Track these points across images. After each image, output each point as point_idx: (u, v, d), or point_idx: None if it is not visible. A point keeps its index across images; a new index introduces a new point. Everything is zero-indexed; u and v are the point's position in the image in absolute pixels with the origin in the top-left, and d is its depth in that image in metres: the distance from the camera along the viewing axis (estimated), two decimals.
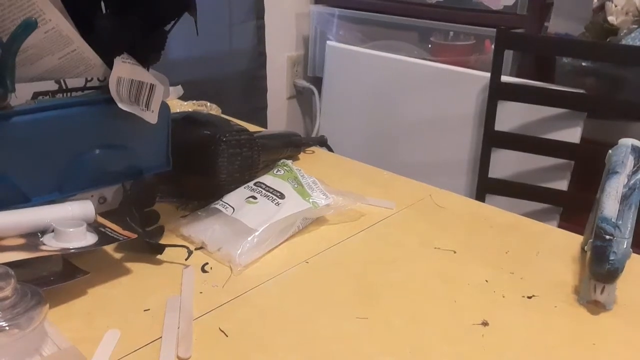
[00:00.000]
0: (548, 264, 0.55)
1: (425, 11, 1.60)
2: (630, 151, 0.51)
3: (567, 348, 0.44)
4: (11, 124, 0.48)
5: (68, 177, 0.53)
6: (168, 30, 0.57)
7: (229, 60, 1.85)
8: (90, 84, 0.54)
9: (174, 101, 0.94)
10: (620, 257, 0.46)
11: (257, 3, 1.83)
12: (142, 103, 0.54)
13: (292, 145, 0.78)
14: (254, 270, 0.52)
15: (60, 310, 0.45)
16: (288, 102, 2.15)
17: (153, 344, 0.42)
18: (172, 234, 0.57)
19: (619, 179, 0.49)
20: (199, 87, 1.14)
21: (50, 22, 0.49)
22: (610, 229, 0.47)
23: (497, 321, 0.46)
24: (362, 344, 0.43)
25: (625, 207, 0.48)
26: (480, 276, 0.52)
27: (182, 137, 0.61)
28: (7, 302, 0.37)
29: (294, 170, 0.63)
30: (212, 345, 0.42)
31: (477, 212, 0.66)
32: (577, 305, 0.49)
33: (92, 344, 0.41)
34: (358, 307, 0.48)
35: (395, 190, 0.71)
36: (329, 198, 0.61)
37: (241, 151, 0.63)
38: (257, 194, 0.59)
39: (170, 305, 0.46)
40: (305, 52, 2.10)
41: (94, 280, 0.49)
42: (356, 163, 0.80)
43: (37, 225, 0.48)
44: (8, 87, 0.46)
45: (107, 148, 0.55)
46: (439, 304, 0.48)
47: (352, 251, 0.57)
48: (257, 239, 0.54)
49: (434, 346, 0.43)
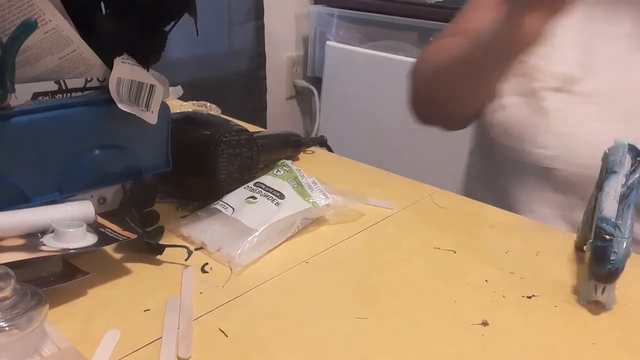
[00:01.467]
0: (548, 264, 0.55)
1: (425, 11, 1.60)
2: (628, 150, 0.51)
3: (567, 348, 0.44)
4: (11, 125, 0.48)
5: (68, 178, 0.53)
6: (168, 31, 0.57)
7: (229, 61, 1.85)
8: (90, 84, 0.54)
9: (173, 101, 0.94)
10: (620, 257, 0.46)
11: (256, 3, 1.83)
12: (142, 103, 0.54)
13: (292, 145, 0.78)
14: (254, 271, 0.52)
15: (60, 310, 0.45)
16: (288, 102, 2.15)
17: (153, 344, 0.42)
18: (172, 234, 0.58)
19: (617, 179, 0.49)
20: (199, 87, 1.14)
21: (50, 23, 0.49)
22: (610, 229, 0.47)
23: (497, 321, 0.46)
24: (362, 344, 0.43)
25: (624, 207, 0.48)
26: (480, 276, 0.52)
27: (182, 138, 0.61)
28: (7, 302, 0.37)
29: (294, 170, 0.63)
30: (212, 345, 0.42)
31: (477, 212, 0.66)
32: (577, 305, 0.49)
33: (92, 344, 0.41)
34: (358, 307, 0.48)
35: (395, 190, 0.71)
36: (329, 198, 0.61)
37: (241, 151, 0.63)
38: (257, 194, 0.59)
39: (170, 306, 0.46)
40: (304, 52, 2.10)
41: (94, 281, 0.49)
42: (356, 163, 0.80)
43: (37, 226, 0.48)
44: (8, 88, 0.46)
45: (107, 148, 0.55)
46: (439, 304, 0.48)
47: (352, 251, 0.57)
48: (257, 239, 0.54)
49: (434, 346, 0.43)
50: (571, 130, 0.70)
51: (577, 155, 0.69)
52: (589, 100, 0.70)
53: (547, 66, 0.72)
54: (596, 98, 0.70)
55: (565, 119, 0.70)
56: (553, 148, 0.71)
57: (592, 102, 0.70)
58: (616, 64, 0.70)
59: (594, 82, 0.70)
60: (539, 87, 0.72)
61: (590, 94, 0.70)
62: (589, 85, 0.70)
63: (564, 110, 0.71)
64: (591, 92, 0.70)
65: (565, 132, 0.70)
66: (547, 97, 0.72)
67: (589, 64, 0.71)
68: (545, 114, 0.71)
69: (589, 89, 0.70)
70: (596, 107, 0.70)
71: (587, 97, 0.70)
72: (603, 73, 0.70)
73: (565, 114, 0.71)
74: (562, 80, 0.71)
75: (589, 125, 0.70)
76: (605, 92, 0.70)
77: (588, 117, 0.70)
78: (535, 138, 0.72)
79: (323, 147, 0.85)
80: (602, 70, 0.70)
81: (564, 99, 0.71)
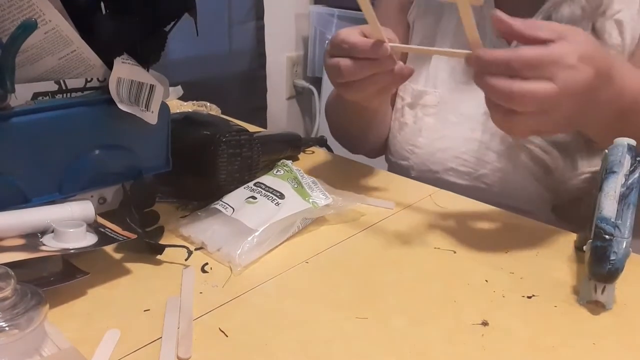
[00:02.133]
0: (548, 264, 0.55)
1: None
2: (627, 150, 0.51)
3: (567, 348, 0.44)
4: (11, 125, 0.48)
5: (68, 178, 0.53)
6: (168, 31, 0.57)
7: (229, 61, 1.85)
8: (90, 84, 0.54)
9: (173, 101, 0.94)
10: (620, 257, 0.46)
11: (256, 3, 1.83)
12: (142, 104, 0.54)
13: (292, 145, 0.78)
14: (254, 271, 0.52)
15: (60, 310, 0.45)
16: (288, 102, 2.15)
17: (153, 344, 0.42)
18: (172, 234, 0.58)
19: (617, 179, 0.49)
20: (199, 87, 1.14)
21: (50, 23, 0.49)
22: (610, 229, 0.47)
23: (497, 321, 0.46)
24: (362, 344, 0.43)
25: (624, 207, 0.48)
26: (480, 276, 0.52)
27: (182, 138, 0.61)
28: (7, 302, 0.37)
29: (294, 170, 0.63)
30: (212, 345, 0.42)
31: (477, 212, 0.66)
32: (577, 305, 0.49)
33: (92, 344, 0.41)
34: (358, 307, 0.48)
35: (395, 190, 0.71)
36: (329, 198, 0.61)
37: (241, 151, 0.63)
38: (257, 194, 0.59)
39: (170, 306, 0.46)
40: (304, 52, 2.10)
41: (94, 281, 0.49)
42: (356, 163, 0.80)
43: (37, 226, 0.48)
44: (8, 88, 0.46)
45: (107, 149, 0.55)
46: (439, 304, 0.48)
47: (352, 251, 0.57)
48: (257, 239, 0.54)
49: (434, 346, 0.43)
50: (420, 141, 0.78)
51: (428, 162, 0.77)
52: (431, 111, 0.77)
53: (407, 84, 0.79)
54: (436, 108, 0.77)
55: (416, 131, 0.79)
56: (409, 159, 0.79)
57: (433, 113, 0.77)
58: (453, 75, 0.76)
59: (434, 95, 0.77)
60: (402, 104, 0.80)
61: (431, 106, 0.77)
62: (430, 98, 0.77)
63: (416, 123, 0.78)
64: (432, 104, 0.77)
65: (415, 144, 0.79)
66: (405, 112, 0.80)
67: (431, 77, 0.78)
68: (404, 128, 0.80)
69: (431, 101, 0.77)
70: (437, 117, 0.77)
71: (430, 109, 0.77)
72: (442, 85, 0.77)
73: (416, 127, 0.78)
74: (413, 96, 0.79)
75: (432, 135, 0.77)
76: (444, 101, 0.76)
77: (431, 127, 0.77)
78: (399, 151, 0.80)
79: (323, 147, 0.85)
80: (441, 82, 0.77)
81: (414, 113, 0.79)
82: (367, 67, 0.56)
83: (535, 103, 0.47)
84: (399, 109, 0.81)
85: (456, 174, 0.76)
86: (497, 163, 0.73)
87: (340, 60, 0.57)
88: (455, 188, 0.73)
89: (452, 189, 0.72)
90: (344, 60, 0.57)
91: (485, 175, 0.74)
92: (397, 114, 0.82)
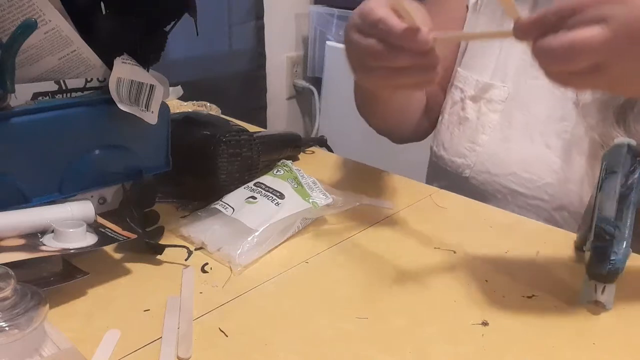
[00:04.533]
0: (548, 264, 0.55)
1: None
2: (627, 151, 0.51)
3: (567, 348, 0.44)
4: (11, 125, 0.48)
5: (68, 178, 0.53)
6: (168, 31, 0.57)
7: (229, 61, 1.85)
8: (90, 84, 0.54)
9: (173, 101, 0.94)
10: (620, 257, 0.46)
11: (256, 3, 1.83)
12: (142, 104, 0.54)
13: (291, 146, 0.78)
14: (254, 271, 0.52)
15: (60, 310, 0.45)
16: (288, 102, 2.15)
17: (153, 344, 0.42)
18: (172, 234, 0.58)
19: (617, 179, 0.49)
20: (199, 87, 1.14)
21: (50, 23, 0.49)
22: (610, 229, 0.47)
23: (497, 321, 0.46)
24: (362, 344, 0.43)
25: (624, 207, 0.48)
26: (480, 276, 0.52)
27: (182, 138, 0.61)
28: (7, 302, 0.37)
29: (294, 171, 0.63)
30: (212, 345, 0.42)
31: (477, 212, 0.66)
32: (577, 305, 0.49)
33: (92, 344, 0.41)
34: (358, 307, 0.48)
35: (395, 190, 0.71)
36: (329, 198, 0.61)
37: (241, 151, 0.63)
38: (257, 194, 0.59)
39: (170, 306, 0.46)
40: (304, 52, 2.10)
41: (94, 281, 0.49)
42: (356, 163, 0.80)
43: (37, 226, 0.48)
44: (8, 88, 0.46)
45: (107, 149, 0.55)
46: (439, 304, 0.48)
47: (352, 251, 0.57)
48: (257, 239, 0.54)
49: (434, 346, 0.43)
50: (483, 139, 0.71)
51: (488, 163, 0.71)
52: (498, 107, 0.71)
53: (468, 75, 0.74)
54: (503, 105, 0.71)
55: (479, 127, 0.72)
56: (467, 157, 0.73)
57: (499, 109, 0.71)
58: (524, 69, 0.70)
59: (502, 89, 0.71)
60: (462, 96, 0.74)
61: (498, 101, 0.71)
62: (498, 93, 0.71)
63: (479, 119, 0.72)
64: (500, 99, 0.71)
65: (477, 141, 0.72)
66: (466, 106, 0.73)
67: (500, 71, 0.72)
68: (464, 123, 0.73)
69: (498, 95, 0.71)
70: (502, 114, 0.71)
71: (496, 105, 0.71)
72: (512, 79, 0.71)
73: (479, 123, 0.72)
74: (477, 89, 0.73)
75: (497, 134, 0.71)
76: (512, 98, 0.70)
77: (496, 125, 0.71)
78: (456, 147, 0.74)
79: (323, 147, 0.85)
80: (511, 76, 0.71)
81: (477, 108, 0.72)
82: (406, 57, 0.47)
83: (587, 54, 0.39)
84: (458, 101, 0.74)
85: (517, 180, 0.69)
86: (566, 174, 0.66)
87: (373, 42, 0.48)
88: (512, 196, 0.69)
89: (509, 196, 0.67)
90: (376, 43, 0.48)
91: (549, 185, 0.67)
92: (455, 106, 0.75)
